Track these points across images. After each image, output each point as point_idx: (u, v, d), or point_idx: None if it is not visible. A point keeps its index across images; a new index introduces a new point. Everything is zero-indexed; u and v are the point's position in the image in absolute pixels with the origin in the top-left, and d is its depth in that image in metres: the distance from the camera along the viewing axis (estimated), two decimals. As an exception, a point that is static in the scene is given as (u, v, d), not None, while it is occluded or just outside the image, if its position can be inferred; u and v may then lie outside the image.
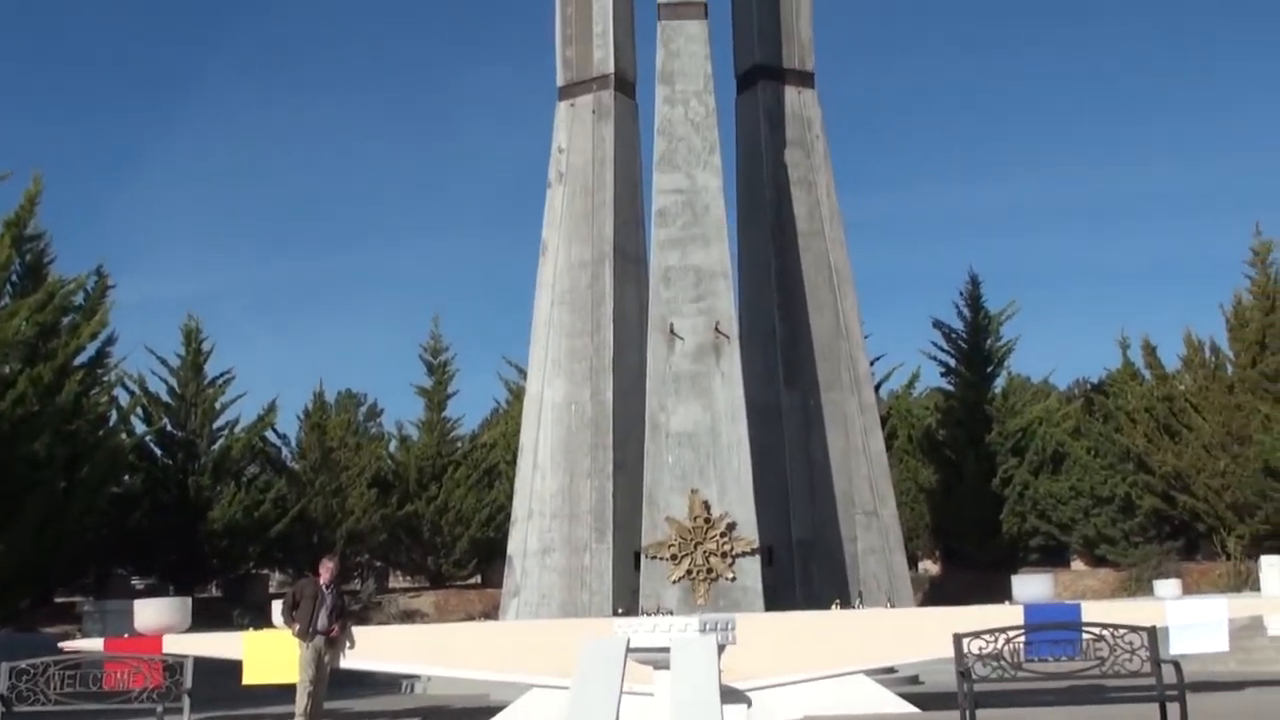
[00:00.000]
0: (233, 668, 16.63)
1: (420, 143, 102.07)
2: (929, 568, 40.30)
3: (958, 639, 13.41)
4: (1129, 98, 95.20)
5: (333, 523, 35.23)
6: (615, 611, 20.70)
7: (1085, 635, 13.93)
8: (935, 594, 32.96)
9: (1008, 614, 15.57)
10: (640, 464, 21.46)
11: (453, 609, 34.23)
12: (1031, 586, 17.64)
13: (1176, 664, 13.33)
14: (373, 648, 17.05)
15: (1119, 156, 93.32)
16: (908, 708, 16.04)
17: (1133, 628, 13.51)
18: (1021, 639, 13.78)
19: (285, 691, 16.34)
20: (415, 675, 22.36)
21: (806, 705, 15.75)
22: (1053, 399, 40.55)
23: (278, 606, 17.15)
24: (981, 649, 13.35)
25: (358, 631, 17.11)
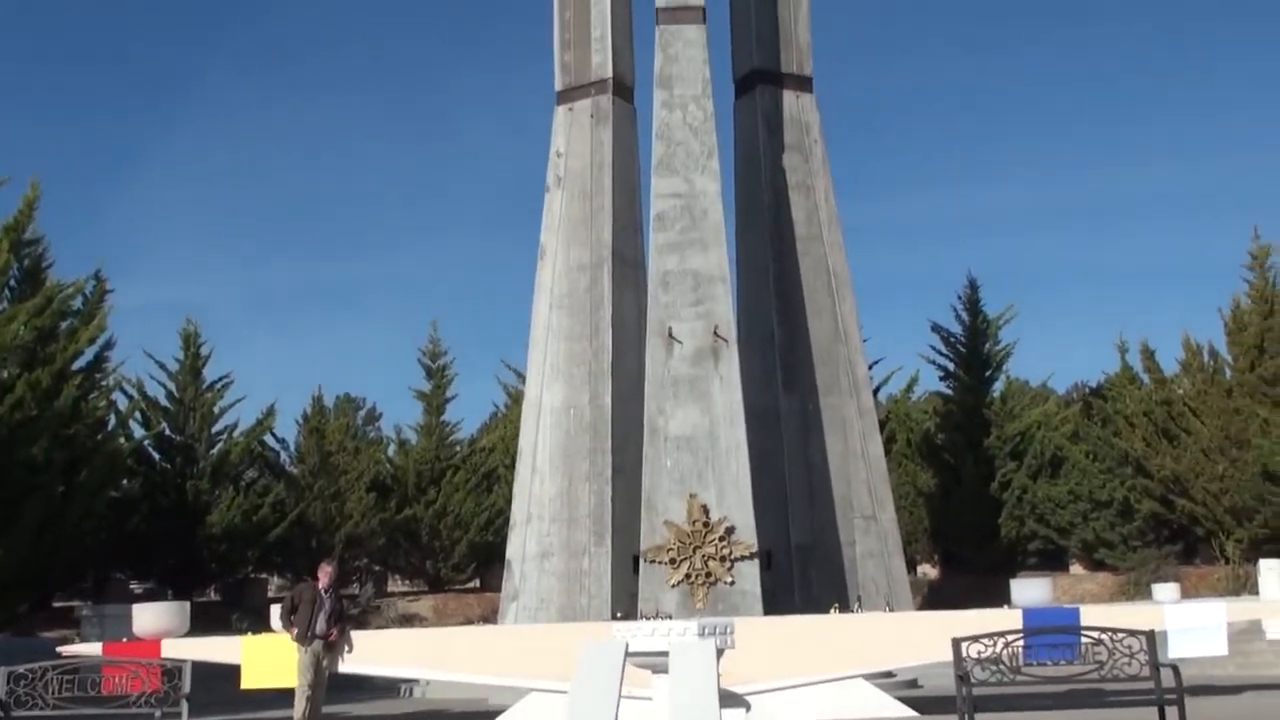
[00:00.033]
0: (231, 672, 16.63)
1: (419, 146, 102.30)
2: (928, 572, 40.29)
3: (956, 643, 13.43)
4: (1128, 99, 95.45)
5: (331, 527, 35.19)
6: (614, 615, 20.69)
7: (1084, 639, 13.96)
8: (934, 598, 32.94)
9: (1006, 618, 15.57)
10: (639, 468, 21.46)
11: (451, 613, 34.18)
12: (1030, 590, 17.64)
13: (1175, 668, 13.36)
14: (371, 652, 17.07)
15: (1118, 158, 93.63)
16: (906, 712, 16.04)
17: (1131, 632, 13.54)
18: (1020, 643, 13.82)
19: (284, 696, 16.35)
20: (414, 679, 22.33)
21: (805, 709, 15.75)
22: (1051, 403, 40.53)
23: (276, 611, 17.16)
24: (980, 653, 13.38)
25: (356, 636, 17.12)
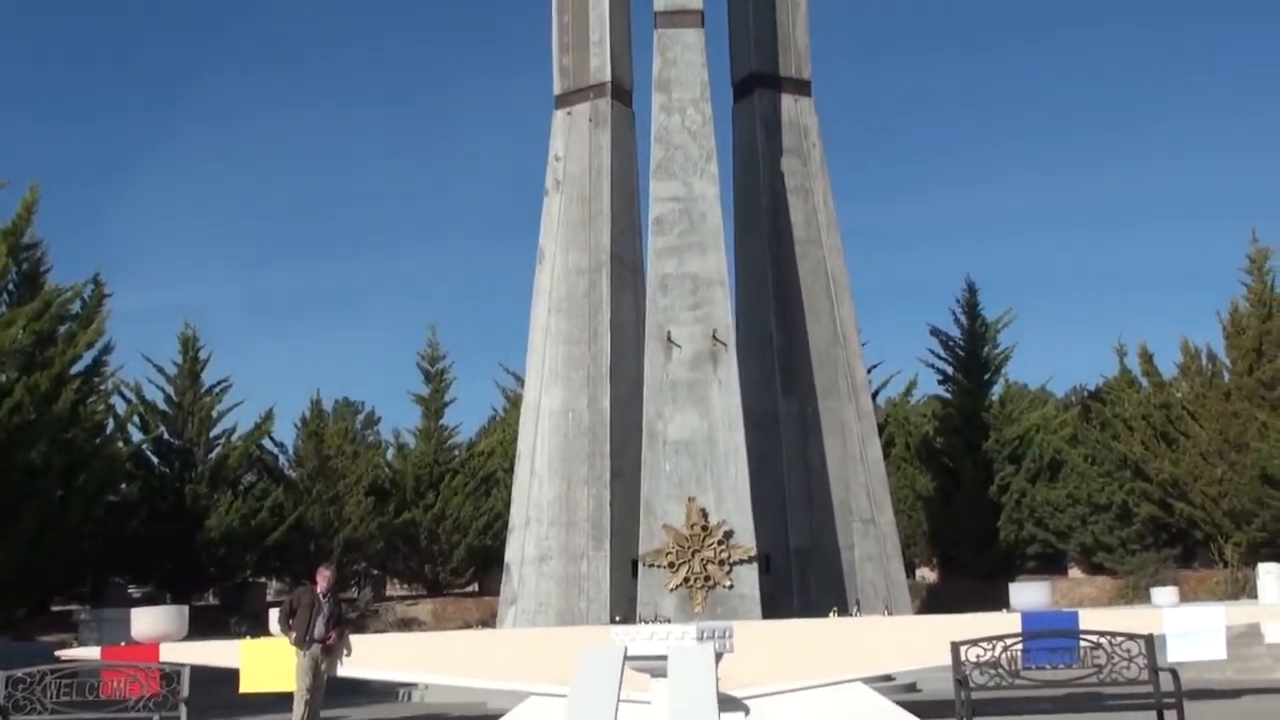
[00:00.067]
0: (229, 676, 16.60)
1: (417, 149, 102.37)
2: (926, 575, 40.29)
3: (955, 647, 13.43)
4: (1127, 103, 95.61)
5: (330, 531, 35.18)
6: (613, 619, 20.67)
7: (1083, 643, 13.95)
8: (932, 602, 32.92)
9: (1005, 622, 15.55)
10: (638, 472, 21.44)
11: (450, 617, 34.16)
12: (1029, 594, 17.65)
13: (1174, 672, 13.37)
14: (370, 656, 17.03)
15: (1116, 162, 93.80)
16: (905, 716, 16.01)
17: (1130, 635, 13.54)
18: (1019, 647, 13.81)
19: (282, 700, 16.33)
20: (412, 683, 22.28)
21: (804, 713, 15.72)
22: (1050, 406, 40.54)
23: (275, 614, 17.15)
24: (979, 657, 13.38)
25: (355, 639, 17.10)
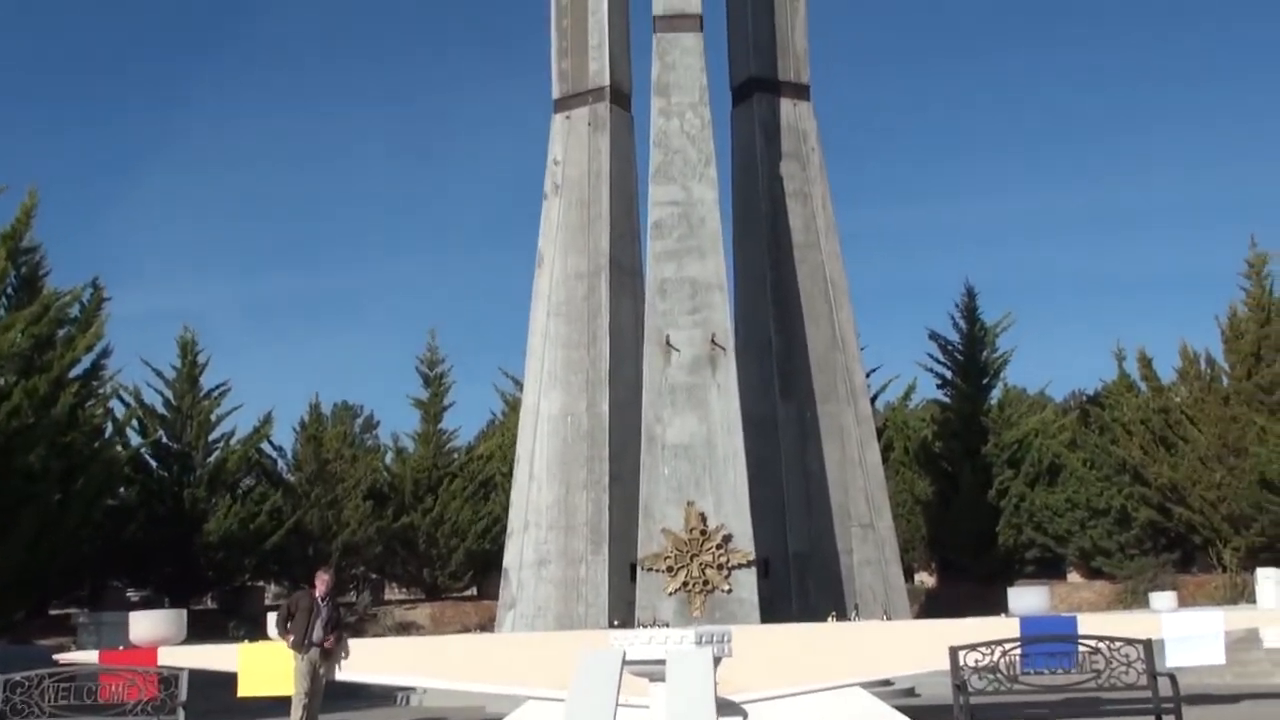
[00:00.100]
0: (228, 680, 16.59)
1: (416, 153, 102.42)
2: (925, 580, 40.27)
3: (954, 651, 13.43)
4: (1126, 108, 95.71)
5: (328, 535, 35.16)
6: (611, 623, 20.67)
7: (1081, 648, 13.94)
8: (931, 606, 32.93)
9: (1004, 626, 15.57)
10: (636, 476, 21.44)
11: (448, 621, 34.13)
12: (1027, 599, 17.63)
13: (1172, 676, 13.37)
14: (368, 659, 17.03)
15: (1115, 167, 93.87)
16: (904, 720, 16.03)
17: (1129, 640, 13.54)
18: (1017, 651, 13.81)
19: (280, 703, 16.31)
20: (411, 687, 22.25)
21: (802, 718, 15.72)
22: (1048, 411, 40.56)
23: (273, 618, 17.12)
24: (977, 661, 13.38)
25: (353, 643, 17.10)
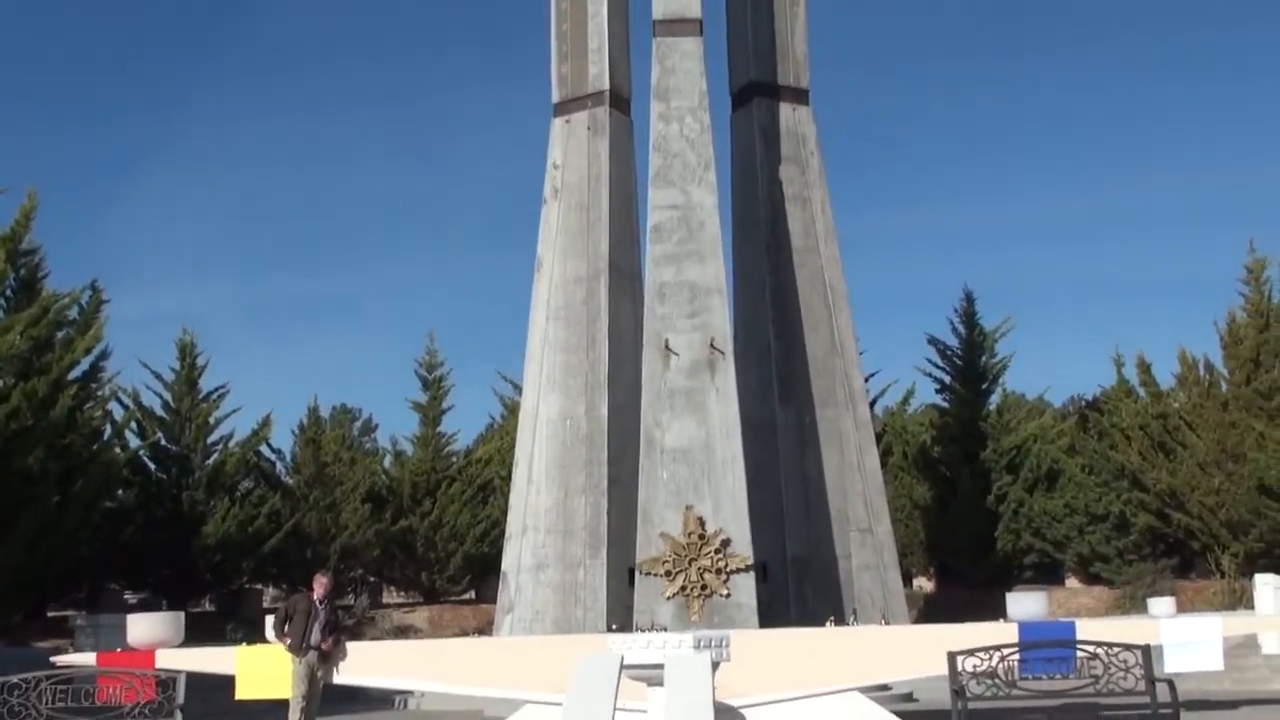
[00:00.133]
0: (225, 683, 16.58)
1: (416, 156, 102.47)
2: (923, 585, 40.25)
3: (952, 656, 13.44)
4: (1126, 112, 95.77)
5: (326, 538, 35.14)
6: (609, 628, 20.64)
7: (1080, 653, 13.95)
8: (930, 611, 32.91)
9: (1002, 631, 15.54)
10: (635, 480, 21.43)
11: (447, 624, 34.11)
12: (1026, 604, 17.60)
13: (1171, 682, 13.38)
14: (366, 663, 17.02)
15: (1115, 171, 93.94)
16: (902, 725, 16.02)
17: (1127, 646, 13.55)
18: (1016, 657, 13.82)
19: (278, 707, 16.30)
20: (409, 691, 22.25)
21: (801, 723, 15.71)
22: (1047, 416, 40.58)
23: (271, 621, 17.11)
24: (976, 666, 13.38)
25: (351, 647, 17.08)
